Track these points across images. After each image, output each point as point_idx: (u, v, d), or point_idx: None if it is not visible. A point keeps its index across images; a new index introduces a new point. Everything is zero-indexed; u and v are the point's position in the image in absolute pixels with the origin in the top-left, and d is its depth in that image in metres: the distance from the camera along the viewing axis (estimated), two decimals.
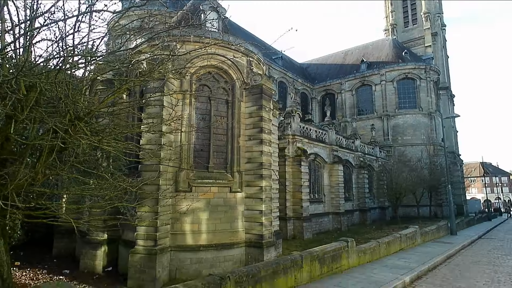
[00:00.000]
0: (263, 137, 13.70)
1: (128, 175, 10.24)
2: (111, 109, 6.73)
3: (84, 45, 5.55)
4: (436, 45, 45.00)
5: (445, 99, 44.45)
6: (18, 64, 4.57)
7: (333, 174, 25.28)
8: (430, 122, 38.15)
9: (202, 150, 13.29)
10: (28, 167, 5.20)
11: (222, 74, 14.11)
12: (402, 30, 48.25)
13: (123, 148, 7.10)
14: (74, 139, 5.24)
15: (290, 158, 20.84)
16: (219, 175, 13.20)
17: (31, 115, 4.83)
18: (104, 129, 6.31)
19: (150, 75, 6.88)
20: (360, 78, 42.51)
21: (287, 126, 21.38)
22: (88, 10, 5.20)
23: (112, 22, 6.50)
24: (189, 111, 13.04)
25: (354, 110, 42.51)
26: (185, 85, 13.11)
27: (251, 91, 14.29)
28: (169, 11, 11.23)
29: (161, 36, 7.18)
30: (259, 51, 15.48)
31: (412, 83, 39.60)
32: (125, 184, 6.87)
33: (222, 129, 13.76)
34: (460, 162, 45.10)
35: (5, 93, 4.39)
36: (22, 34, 4.69)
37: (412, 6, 48.12)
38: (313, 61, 52.67)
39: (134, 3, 5.65)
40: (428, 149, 36.11)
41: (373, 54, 44.16)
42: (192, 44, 12.24)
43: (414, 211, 32.87)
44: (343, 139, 28.75)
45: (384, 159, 35.44)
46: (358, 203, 29.30)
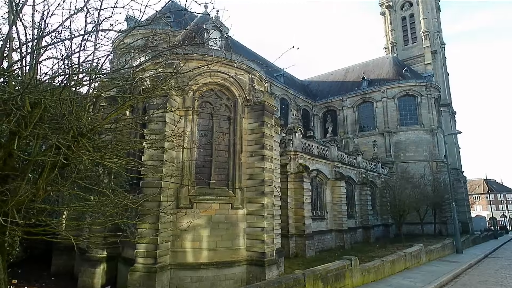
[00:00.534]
0: (265, 153, 13.70)
1: (129, 191, 10.20)
2: (114, 126, 6.78)
3: (89, 63, 5.66)
4: (436, 63, 45.51)
5: (446, 115, 44.56)
6: (24, 82, 4.65)
7: (336, 191, 25.08)
8: (432, 139, 38.12)
9: (203, 166, 13.28)
10: (30, 183, 5.20)
11: (224, 91, 14.28)
12: (402, 48, 48.95)
13: (125, 164, 7.10)
14: (77, 155, 5.26)
15: (292, 174, 20.76)
16: (221, 192, 13.13)
17: (35, 132, 4.87)
18: (107, 145, 6.34)
19: (153, 92, 6.97)
20: (361, 95, 42.84)
21: (289, 142, 21.41)
22: (94, 30, 5.33)
23: (117, 40, 6.65)
24: (191, 127, 13.12)
25: (356, 127, 42.62)
26: (188, 102, 13.25)
27: (253, 107, 14.41)
28: (173, 30, 11.51)
29: (164, 54, 7.32)
30: (261, 69, 15.71)
31: (413, 100, 39.84)
32: (126, 200, 6.84)
33: (224, 145, 13.79)
34: (463, 179, 44.71)
35: (10, 109, 4.44)
36: (29, 53, 4.80)
37: (411, 25, 48.99)
38: (314, 78, 53.28)
39: (139, 23, 5.79)
40: (431, 166, 35.89)
41: (374, 72, 44.66)
42: (195, 62, 12.46)
43: (418, 229, 32.35)
44: (345, 156, 28.69)
45: (387, 176, 35.21)
46: (361, 220, 28.91)
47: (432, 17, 47.52)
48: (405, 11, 50.02)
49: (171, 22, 9.17)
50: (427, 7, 47.57)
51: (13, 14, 4.49)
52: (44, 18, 5.00)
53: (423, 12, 47.06)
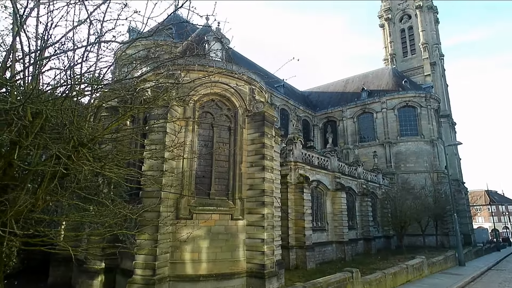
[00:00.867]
0: (265, 163, 13.68)
1: (128, 201, 10.15)
2: (115, 136, 6.80)
3: (91, 73, 5.71)
4: (435, 74, 45.85)
5: (446, 126, 44.64)
6: (26, 92, 4.68)
7: (336, 202, 24.93)
8: (433, 150, 38.10)
9: (203, 176, 13.25)
10: (29, 193, 5.17)
11: (225, 101, 14.35)
12: (401, 60, 49.40)
13: (125, 175, 7.09)
14: (77, 165, 5.25)
15: (292, 185, 20.67)
16: (221, 202, 13.06)
17: (36, 141, 4.88)
18: (107, 155, 6.33)
19: (154, 103, 7.01)
20: (361, 105, 43.03)
21: (289, 153, 21.40)
22: (97, 41, 5.40)
23: (119, 51, 6.72)
24: (191, 137, 13.14)
25: (356, 137, 42.66)
26: (188, 112, 13.31)
27: (253, 118, 14.46)
28: (175, 41, 11.64)
29: (166, 65, 7.38)
30: (262, 80, 15.83)
31: (413, 111, 39.99)
32: (126, 211, 6.79)
33: (224, 155, 13.79)
34: (464, 190, 44.49)
35: (11, 119, 4.46)
36: (31, 63, 4.84)
37: (410, 37, 49.56)
38: (314, 89, 53.62)
39: (142, 34, 5.86)
40: (431, 177, 35.76)
41: (373, 83, 44.96)
42: (196, 72, 12.56)
43: (420, 241, 32.04)
44: (345, 166, 28.63)
45: (388, 187, 35.06)
46: (362, 232, 28.64)
47: (431, 29, 48.12)
48: (404, 24, 50.68)
49: (173, 34, 9.28)
50: (425, 19, 48.20)
51: (17, 26, 4.55)
52: (47, 29, 5.07)
53: (422, 24, 47.67)
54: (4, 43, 5.22)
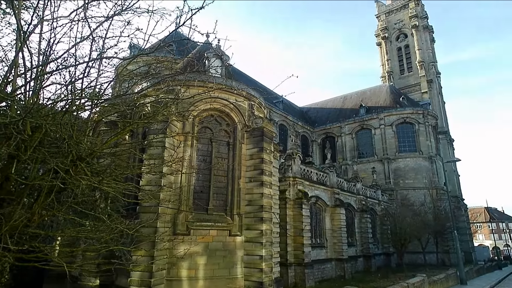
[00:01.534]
0: (264, 179, 13.64)
1: (125, 216, 10.04)
2: (113, 150, 6.79)
3: (91, 88, 5.77)
4: (432, 92, 46.42)
5: (444, 143, 44.83)
6: (27, 106, 4.71)
7: (335, 218, 24.70)
8: (431, 166, 38.11)
9: (202, 191, 13.17)
10: (25, 208, 5.12)
11: (224, 117, 14.44)
12: (398, 77, 50.09)
13: (122, 189, 7.04)
14: (74, 180, 5.22)
15: (291, 200, 20.52)
16: (219, 218, 12.94)
17: (34, 155, 4.87)
18: (105, 170, 6.31)
19: (154, 118, 7.04)
20: (359, 122, 43.31)
21: (288, 168, 21.36)
22: (99, 57, 5.48)
23: (120, 67, 6.81)
24: (190, 152, 13.14)
25: (355, 153, 42.72)
26: (188, 127, 13.36)
27: (252, 133, 14.51)
28: (176, 58, 11.81)
29: (166, 81, 7.47)
30: (261, 95, 15.98)
31: (411, 127, 40.24)
32: (122, 226, 6.70)
33: (223, 170, 13.76)
34: (464, 206, 44.25)
35: (10, 133, 4.47)
36: (33, 78, 4.90)
37: (406, 55, 50.44)
38: (312, 105, 54.06)
39: (143, 51, 5.96)
40: (431, 193, 35.62)
41: (371, 99, 45.42)
42: (196, 88, 12.69)
43: (421, 258, 31.58)
44: (344, 182, 28.52)
45: (387, 203, 34.84)
46: (362, 249, 28.25)
47: (427, 48, 49.05)
48: (400, 42, 51.68)
49: (174, 50, 9.44)
50: (421, 38, 49.20)
51: (20, 42, 4.62)
52: (50, 45, 5.15)
53: (418, 43, 48.60)
54: (6, 58, 5.29)
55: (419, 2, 51.63)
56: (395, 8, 53.36)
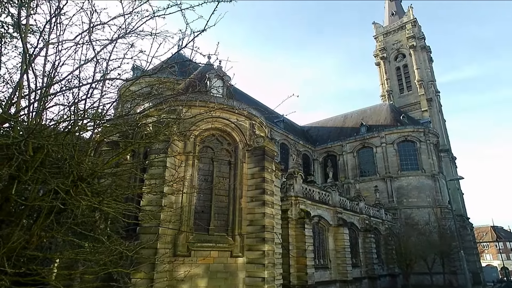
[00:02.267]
0: (266, 198, 13.52)
1: (125, 237, 9.89)
2: (115, 170, 6.78)
3: (94, 109, 5.83)
4: (432, 110, 46.71)
5: (446, 161, 44.64)
6: (29, 127, 4.75)
7: (338, 238, 24.26)
8: (435, 184, 37.78)
9: (203, 211, 13.04)
10: (24, 229, 5.06)
11: (225, 136, 14.50)
12: (398, 96, 50.57)
13: (123, 210, 6.98)
14: (75, 200, 5.19)
15: (293, 220, 20.24)
16: (220, 238, 12.73)
17: (35, 176, 4.86)
18: (106, 190, 6.28)
19: (155, 138, 7.08)
20: (360, 140, 43.36)
21: (290, 187, 21.20)
22: (102, 78, 5.58)
23: (123, 88, 6.91)
24: (191, 172, 13.11)
25: (357, 172, 42.49)
26: (189, 147, 13.39)
27: (253, 152, 14.52)
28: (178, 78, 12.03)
29: (168, 101, 7.56)
30: (262, 115, 16.11)
31: (412, 145, 40.22)
32: (122, 247, 6.59)
33: (224, 190, 13.67)
34: (470, 225, 43.48)
35: (12, 154, 4.48)
36: (36, 99, 4.96)
37: (405, 74, 51.14)
38: (313, 124, 54.34)
39: (146, 72, 6.07)
40: (435, 212, 35.12)
41: (372, 118, 45.66)
42: (198, 108, 12.82)
43: (427, 279, 30.72)
44: (347, 201, 28.21)
45: (391, 222, 34.30)
46: (367, 270, 27.56)
47: (425, 67, 49.77)
48: (399, 62, 52.52)
49: (176, 71, 9.60)
50: (419, 58, 50.03)
51: (25, 64, 4.72)
52: (55, 67, 5.26)
53: (416, 63, 49.38)
54: (11, 80, 5.38)
55: (416, 23, 52.86)
56: (392, 29, 54.58)
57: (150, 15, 5.27)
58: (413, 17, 52.81)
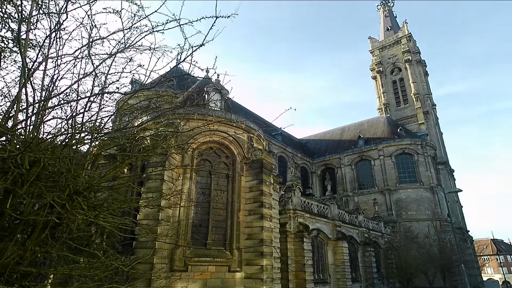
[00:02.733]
0: (264, 211, 13.41)
1: (121, 252, 9.73)
2: (111, 184, 6.73)
3: (92, 122, 5.83)
4: (429, 123, 47.06)
5: (445, 173, 44.67)
6: (26, 141, 4.73)
7: (338, 252, 23.96)
8: (433, 197, 37.67)
9: (200, 225, 12.90)
10: (18, 244, 4.98)
11: (223, 149, 14.50)
12: (395, 109, 51.00)
13: (119, 224, 6.89)
14: (70, 214, 5.13)
15: (292, 234, 20.02)
16: (218, 253, 12.55)
17: (30, 190, 4.82)
18: (102, 204, 6.21)
19: (153, 151, 7.06)
20: (358, 153, 43.44)
21: (288, 200, 21.07)
22: (101, 92, 5.60)
23: (121, 102, 6.94)
24: (189, 185, 13.03)
25: (355, 184, 42.39)
26: (187, 160, 13.35)
27: (251, 165, 14.49)
28: (176, 92, 12.12)
29: (166, 114, 7.58)
30: (260, 128, 16.16)
31: (410, 158, 40.30)
32: (118, 262, 6.48)
33: (222, 203, 13.57)
34: (470, 239, 43.13)
35: (8, 168, 4.45)
36: (34, 113, 4.97)
37: (402, 87, 51.73)
38: (311, 137, 54.51)
39: (144, 86, 6.11)
40: (434, 225, 34.89)
41: (369, 131, 45.89)
42: (196, 121, 12.86)
43: None
44: (345, 214, 28.01)
45: (390, 235, 33.99)
46: (367, 285, 27.11)
47: (421, 81, 50.43)
48: (395, 76, 53.22)
49: (174, 85, 9.68)
50: (415, 72, 50.74)
51: (24, 78, 4.75)
52: (53, 81, 5.29)
53: (412, 76, 50.05)
54: (10, 94, 5.40)
55: (410, 38, 53.84)
56: (388, 44, 55.52)
57: (149, 30, 5.35)
58: (408, 32, 53.85)
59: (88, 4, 5.22)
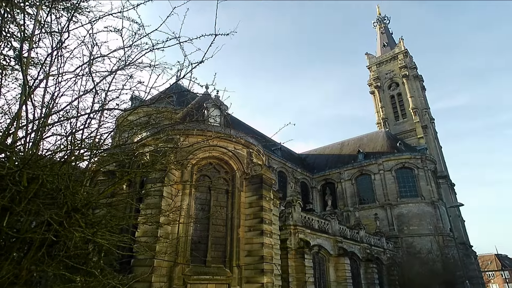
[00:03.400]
0: (264, 227, 13.26)
1: (119, 270, 9.55)
2: (110, 200, 6.68)
3: (91, 139, 5.84)
4: (428, 137, 47.23)
5: (445, 187, 44.46)
6: (25, 158, 4.73)
7: (340, 268, 23.52)
8: (435, 211, 37.33)
9: (199, 242, 12.72)
10: (13, 263, 4.89)
11: (223, 164, 14.47)
12: (393, 123, 51.28)
13: (117, 241, 6.79)
14: (68, 232, 5.06)
15: (293, 250, 19.72)
16: (217, 270, 12.32)
17: (28, 207, 4.77)
18: (100, 221, 6.14)
19: (152, 167, 7.04)
20: (358, 167, 43.36)
21: (288, 216, 20.86)
22: (100, 109, 5.64)
23: (121, 118, 6.97)
24: (188, 201, 12.93)
25: (356, 199, 42.10)
26: (186, 176, 13.30)
27: (251, 181, 14.43)
28: (176, 108, 12.23)
29: (166, 130, 7.60)
30: (259, 143, 16.19)
31: (411, 172, 40.20)
32: (115, 281, 6.34)
33: (222, 219, 13.43)
34: (473, 254, 42.48)
35: (6, 185, 4.42)
36: (34, 130, 4.98)
37: (400, 102, 52.19)
38: (311, 151, 54.52)
39: (144, 102, 6.16)
40: (437, 240, 34.42)
41: (369, 145, 45.97)
42: (195, 137, 12.88)
43: None
44: (347, 230, 27.68)
45: (392, 251, 33.46)
46: None
47: (418, 95, 50.93)
48: (393, 91, 53.78)
49: (174, 101, 9.76)
50: (412, 87, 51.31)
51: (24, 96, 4.79)
52: (54, 98, 5.33)
53: (410, 91, 50.58)
54: (10, 111, 5.43)
55: (407, 54, 54.71)
56: (384, 59, 56.37)
57: (149, 48, 5.43)
58: (404, 48, 54.78)
59: (90, 23, 5.33)
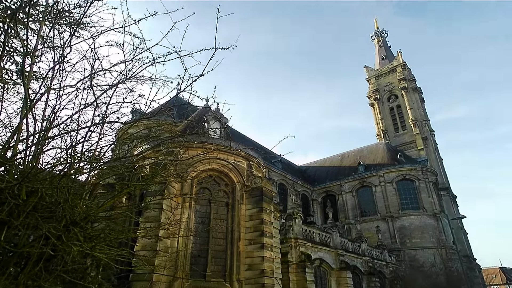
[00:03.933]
0: (265, 241, 13.12)
1: (117, 285, 9.41)
2: (109, 213, 6.63)
3: (91, 152, 5.85)
4: (428, 148, 47.21)
5: (447, 199, 44.13)
6: (25, 171, 4.72)
7: (342, 283, 23.13)
8: (437, 224, 36.94)
9: (199, 255, 12.56)
10: (10, 278, 4.82)
11: (223, 177, 14.43)
12: (393, 135, 51.36)
13: (116, 255, 6.71)
14: (66, 246, 5.00)
15: (294, 264, 19.42)
16: (217, 285, 12.13)
17: (26, 221, 4.73)
18: (99, 235, 6.08)
19: (152, 179, 7.03)
20: (359, 179, 43.18)
21: (289, 229, 20.64)
22: (101, 122, 5.67)
23: (121, 131, 7.00)
24: (188, 214, 12.84)
25: (357, 212, 41.76)
26: (186, 188, 13.25)
27: (251, 193, 14.36)
28: (176, 121, 12.28)
29: (166, 143, 7.62)
30: (259, 155, 16.18)
31: (412, 184, 40.00)
32: None
33: (222, 232, 13.30)
34: (477, 267, 41.81)
35: (5, 198, 4.40)
36: (34, 143, 4.99)
37: (399, 114, 52.41)
38: (311, 163, 54.41)
39: (144, 115, 6.20)
40: (440, 253, 33.95)
41: (369, 157, 45.90)
42: (195, 149, 12.89)
43: None
44: (348, 243, 27.34)
45: (395, 265, 32.96)
46: None
47: (418, 107, 51.19)
48: (392, 103, 54.09)
49: (174, 114, 9.81)
50: (411, 99, 51.63)
51: (26, 109, 4.82)
52: (55, 111, 5.36)
53: (409, 103, 50.86)
54: (10, 124, 5.45)
55: (405, 66, 55.29)
56: (383, 72, 56.92)
57: (150, 62, 5.50)
58: (403, 60, 55.39)
59: (91, 38, 5.41)
